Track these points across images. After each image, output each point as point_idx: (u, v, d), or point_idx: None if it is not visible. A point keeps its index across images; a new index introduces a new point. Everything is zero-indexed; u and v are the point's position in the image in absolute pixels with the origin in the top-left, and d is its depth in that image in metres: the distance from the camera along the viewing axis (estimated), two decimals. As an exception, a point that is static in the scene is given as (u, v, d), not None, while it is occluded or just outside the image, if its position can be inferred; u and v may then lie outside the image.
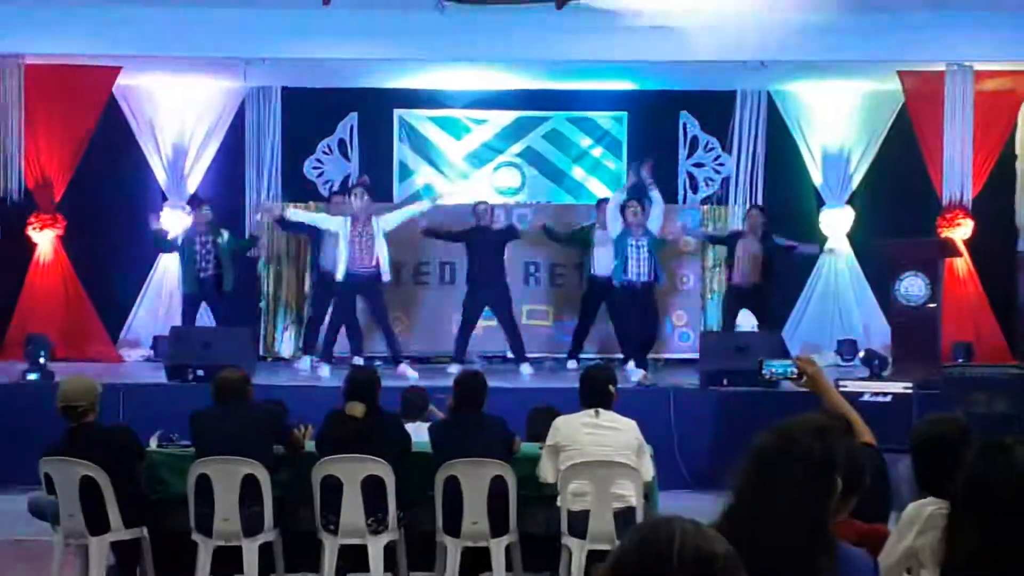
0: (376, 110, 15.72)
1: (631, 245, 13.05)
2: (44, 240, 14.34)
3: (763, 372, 5.43)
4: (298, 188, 15.31)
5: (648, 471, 7.55)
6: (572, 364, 13.63)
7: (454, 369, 12.42)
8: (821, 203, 15.38)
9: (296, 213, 13.66)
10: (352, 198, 13.25)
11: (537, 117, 15.82)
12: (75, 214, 14.47)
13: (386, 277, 13.02)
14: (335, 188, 15.21)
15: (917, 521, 4.24)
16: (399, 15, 12.92)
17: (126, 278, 15.13)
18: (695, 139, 15.73)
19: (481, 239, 13.43)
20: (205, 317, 14.24)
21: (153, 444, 8.11)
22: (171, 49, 13.62)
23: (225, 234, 13.93)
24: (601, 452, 7.37)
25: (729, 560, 2.18)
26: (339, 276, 12.94)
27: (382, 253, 12.96)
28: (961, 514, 3.47)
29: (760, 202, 14.98)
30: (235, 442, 7.52)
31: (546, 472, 7.54)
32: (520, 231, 13.97)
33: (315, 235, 13.83)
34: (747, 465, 3.13)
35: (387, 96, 15.64)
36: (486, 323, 13.99)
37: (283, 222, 14.11)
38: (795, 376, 5.34)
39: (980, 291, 14.15)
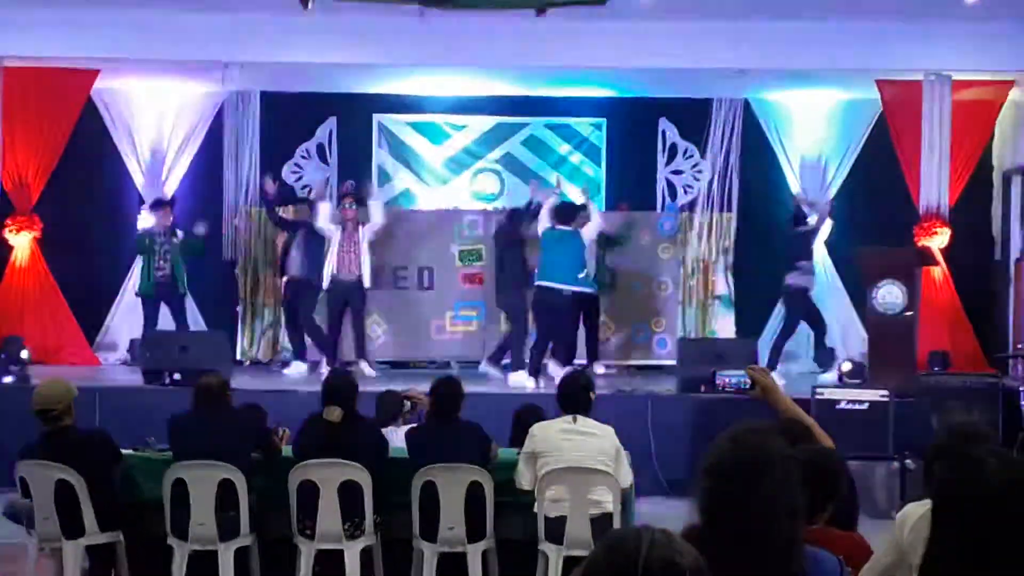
0: (355, 115, 15.71)
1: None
2: (21, 242, 14.28)
3: (717, 382, 5.45)
4: (276, 193, 15.27)
5: (626, 477, 7.56)
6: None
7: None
8: (801, 213, 15.40)
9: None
10: (345, 207, 13.60)
11: (516, 123, 15.82)
12: (52, 216, 14.42)
13: (367, 284, 13.50)
14: (312, 193, 15.24)
15: (908, 522, 4.23)
16: (379, 20, 12.91)
17: (103, 281, 15.09)
18: (674, 146, 15.75)
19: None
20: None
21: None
22: (150, 52, 13.57)
23: (180, 234, 13.97)
24: (578, 458, 7.37)
25: (696, 570, 2.18)
26: (326, 283, 13.40)
27: (365, 261, 13.40)
28: (936, 527, 3.47)
29: (736, 209, 15.12)
30: (213, 447, 7.51)
31: (523, 479, 7.54)
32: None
33: (291, 238, 13.90)
34: (714, 480, 3.07)
35: (366, 101, 15.63)
36: (465, 328, 14.03)
37: (272, 214, 14.36)
38: (748, 386, 5.36)
39: (956, 300, 14.20)
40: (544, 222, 13.10)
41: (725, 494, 3.01)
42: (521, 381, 12.74)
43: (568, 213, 13.20)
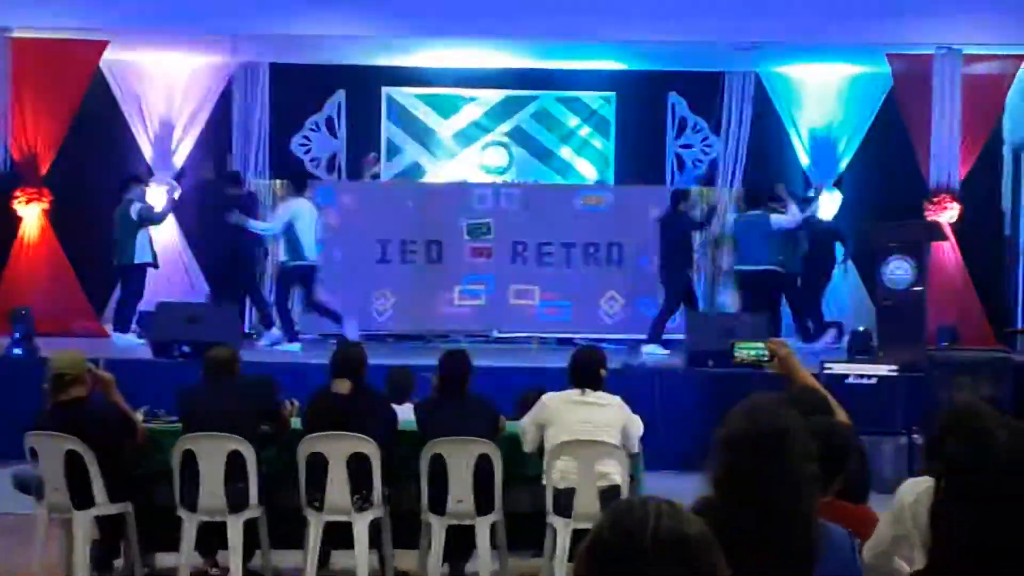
0: (364, 87, 15.70)
1: None
2: (29, 214, 14.29)
3: (735, 355, 5.45)
4: (285, 165, 15.27)
5: (633, 443, 7.56)
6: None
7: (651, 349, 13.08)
8: (808, 185, 15.39)
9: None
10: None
11: (525, 96, 15.82)
12: (61, 188, 14.42)
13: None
14: (321, 165, 15.31)
15: (907, 498, 4.23)
16: (388, -8, 12.91)
17: (112, 253, 15.07)
18: (683, 120, 15.74)
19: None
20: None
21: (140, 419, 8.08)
22: (159, 24, 13.58)
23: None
24: (586, 430, 7.38)
25: (703, 540, 2.17)
26: (313, 258, 13.49)
27: None
28: (947, 502, 3.47)
29: (742, 183, 15.10)
30: (222, 418, 7.51)
31: (526, 441, 7.56)
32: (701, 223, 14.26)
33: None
34: (732, 453, 3.05)
35: (375, 73, 15.62)
36: (473, 302, 14.04)
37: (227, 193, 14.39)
38: (767, 359, 5.35)
39: (966, 275, 14.19)
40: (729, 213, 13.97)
41: (744, 466, 3.00)
42: (653, 351, 13.14)
43: (758, 198, 13.99)
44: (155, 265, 14.03)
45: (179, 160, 15.23)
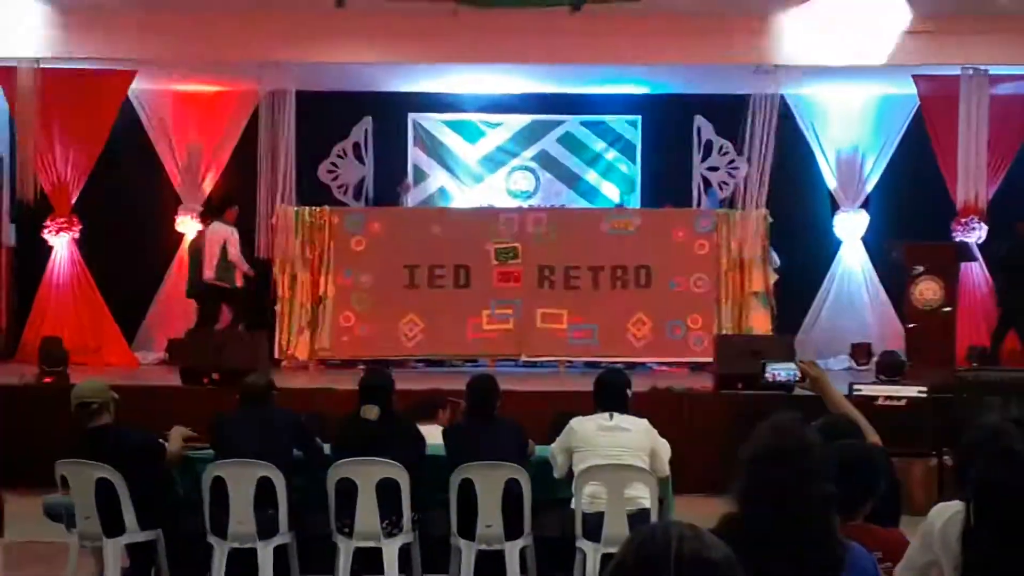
0: (391, 114, 15.77)
1: None
2: (60, 243, 14.39)
3: (766, 375, 5.46)
4: (312, 192, 15.31)
5: (663, 467, 7.55)
6: None
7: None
8: (835, 207, 15.36)
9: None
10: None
11: (551, 121, 15.87)
12: (91, 217, 14.51)
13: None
14: (349, 192, 15.39)
15: (937, 522, 4.21)
16: (413, 19, 12.95)
17: (141, 281, 15.17)
18: (709, 143, 15.73)
19: None
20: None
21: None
22: (186, 53, 13.67)
23: None
24: (614, 454, 7.37)
25: (726, 565, 2.18)
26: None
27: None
28: (976, 523, 3.46)
29: (772, 205, 15.02)
30: (255, 446, 7.53)
31: (557, 467, 7.57)
32: None
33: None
34: (754, 465, 3.16)
35: (402, 100, 15.69)
36: (501, 326, 14.03)
37: None
38: (798, 379, 5.34)
39: (995, 295, 14.12)
40: None
41: (764, 478, 3.10)
42: None
43: None
44: None
45: (207, 188, 15.29)
